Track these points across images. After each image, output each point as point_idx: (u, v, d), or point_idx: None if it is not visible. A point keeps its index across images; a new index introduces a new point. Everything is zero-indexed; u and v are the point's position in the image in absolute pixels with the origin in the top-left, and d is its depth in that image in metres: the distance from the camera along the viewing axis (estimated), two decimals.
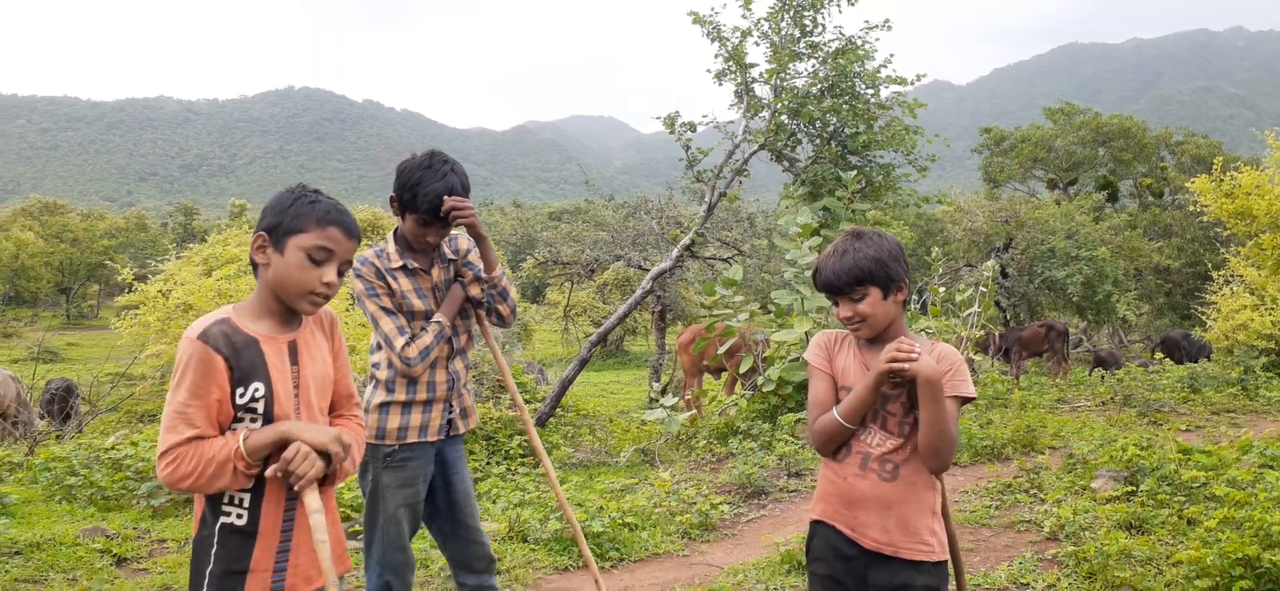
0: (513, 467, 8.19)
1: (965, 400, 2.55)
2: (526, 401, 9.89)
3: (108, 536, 5.74)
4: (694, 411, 10.45)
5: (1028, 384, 14.25)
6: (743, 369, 9.46)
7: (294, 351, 2.23)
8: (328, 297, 2.23)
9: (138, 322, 9.62)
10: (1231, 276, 13.85)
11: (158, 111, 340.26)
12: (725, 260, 16.60)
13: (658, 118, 11.33)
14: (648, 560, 5.65)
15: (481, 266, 3.49)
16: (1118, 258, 20.01)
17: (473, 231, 3.39)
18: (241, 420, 2.11)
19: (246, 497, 2.12)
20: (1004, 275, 20.14)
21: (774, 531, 5.99)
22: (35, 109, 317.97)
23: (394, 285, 3.36)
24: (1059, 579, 4.99)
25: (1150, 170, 38.31)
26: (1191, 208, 10.34)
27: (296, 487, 2.08)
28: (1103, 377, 13.54)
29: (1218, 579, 4.63)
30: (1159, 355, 14.22)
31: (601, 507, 6.11)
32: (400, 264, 3.40)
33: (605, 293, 31.48)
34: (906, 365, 2.40)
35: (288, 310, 2.22)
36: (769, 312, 10.52)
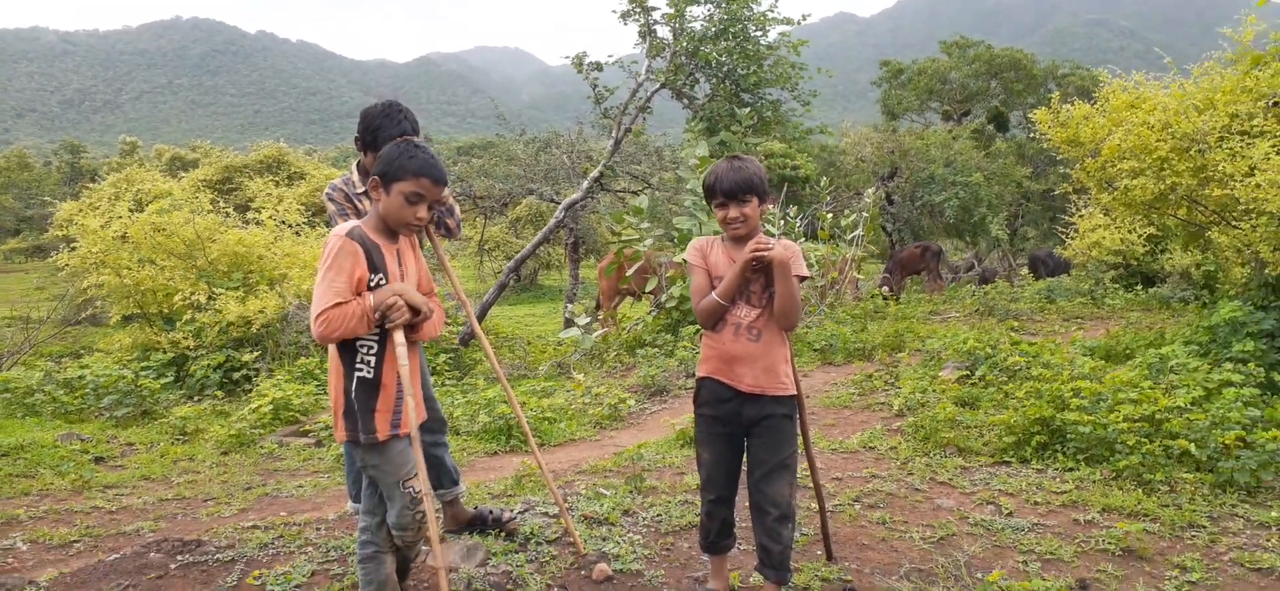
0: (441, 380, 9.05)
1: (803, 278, 3.53)
2: (449, 324, 10.71)
3: (83, 440, 6.43)
4: (610, 328, 11.42)
5: (907, 299, 15.66)
6: (649, 288, 10.46)
7: (399, 257, 3.18)
8: (421, 227, 3.16)
9: (78, 254, 10.07)
10: (1088, 199, 15.43)
11: (32, 43, 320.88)
12: (635, 192, 17.48)
13: (566, 57, 12.09)
14: (566, 443, 6.64)
15: None
16: (992, 183, 21.72)
17: None
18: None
19: (372, 359, 3.05)
20: (889, 202, 21.62)
21: (672, 418, 7.02)
22: None
23: (361, 206, 4.16)
24: (900, 443, 6.16)
25: (1038, 101, 40.41)
26: (1010, 141, 11.67)
27: (387, 326, 3.01)
28: (971, 292, 15.04)
29: (1021, 434, 5.86)
30: (1024, 271, 15.79)
31: (524, 403, 7.04)
32: (362, 190, 4.20)
33: (518, 227, 32.03)
34: (766, 253, 3.36)
35: (392, 231, 3.15)
36: (673, 239, 11.53)
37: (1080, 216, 16.03)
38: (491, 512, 4.43)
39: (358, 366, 3.08)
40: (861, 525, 4.65)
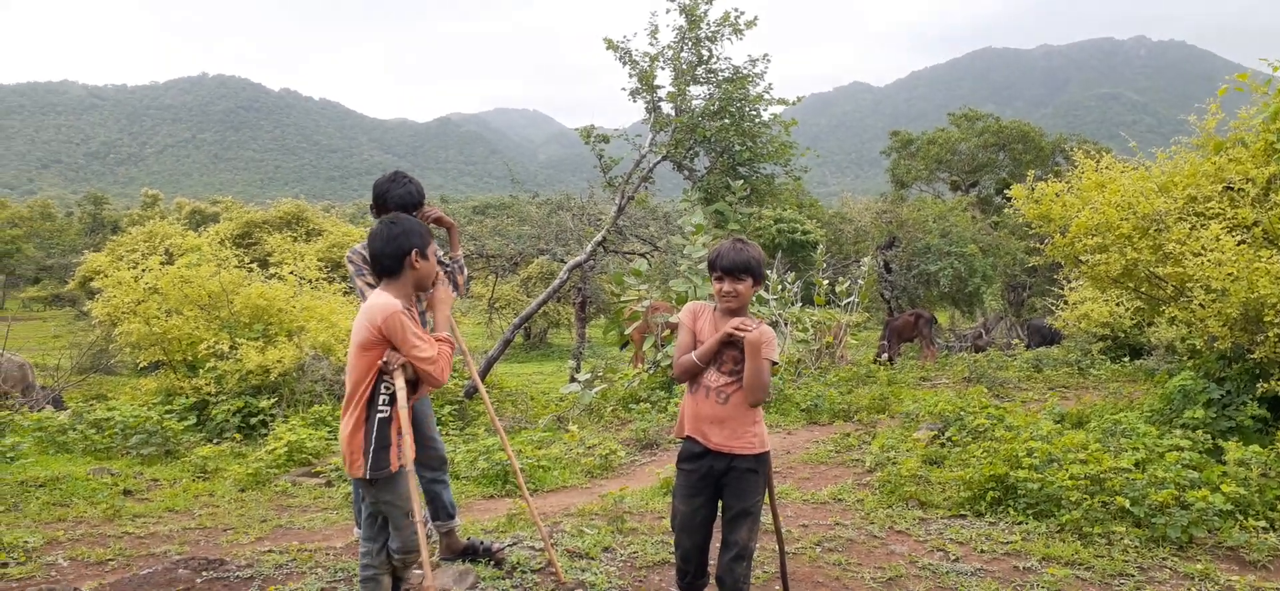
0: (445, 428, 9.57)
1: (774, 363, 4.05)
2: (455, 377, 11.26)
3: (112, 474, 6.99)
4: (605, 385, 11.93)
5: (901, 365, 16.12)
6: (646, 346, 11.01)
7: (422, 316, 3.92)
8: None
9: (111, 303, 10.73)
10: (1075, 274, 15.96)
11: (61, 96, 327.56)
12: (642, 254, 18.11)
13: (578, 129, 12.83)
14: (558, 490, 7.14)
15: (440, 257, 4.90)
16: (987, 254, 22.28)
17: (440, 222, 4.81)
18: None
19: (390, 403, 3.63)
20: (887, 270, 22.20)
21: (659, 469, 7.52)
22: None
23: None
24: (867, 496, 6.63)
25: (1046, 173, 41.03)
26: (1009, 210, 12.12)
27: (390, 371, 3.62)
28: (962, 360, 15.50)
29: (977, 490, 6.33)
30: (1016, 341, 16.23)
31: (520, 452, 7.56)
32: None
33: (529, 286, 32.68)
34: (742, 333, 3.89)
35: (418, 292, 3.83)
36: (672, 300, 12.10)
37: (1070, 289, 16.53)
38: (483, 544, 4.93)
39: (380, 408, 3.63)
40: (819, 566, 5.13)
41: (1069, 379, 13.61)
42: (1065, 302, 16.71)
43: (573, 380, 13.51)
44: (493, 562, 4.83)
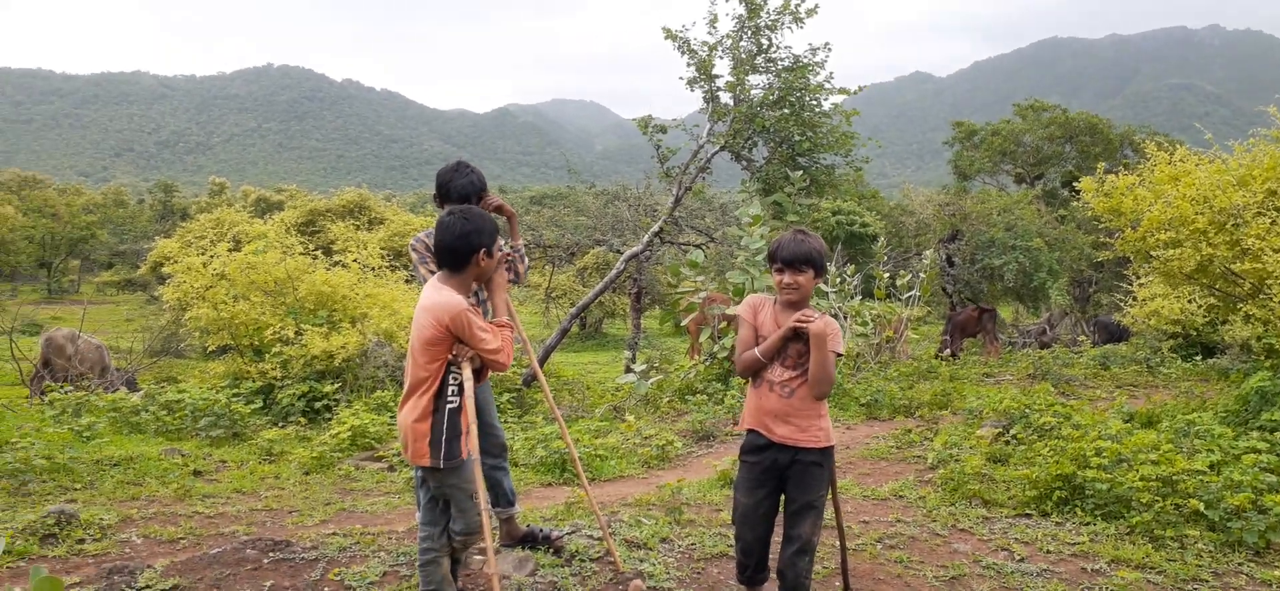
0: (503, 416, 9.65)
1: (838, 355, 3.99)
2: (513, 367, 11.35)
3: (183, 455, 7.18)
4: (661, 376, 11.92)
5: (963, 361, 15.85)
6: (701, 338, 10.97)
7: (481, 302, 3.99)
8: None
9: (181, 288, 11.03)
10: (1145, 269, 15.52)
11: (134, 86, 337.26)
12: (697, 245, 18.04)
13: (635, 120, 12.82)
14: (615, 479, 7.16)
15: (502, 246, 4.93)
16: (1053, 249, 21.77)
17: (501, 210, 4.84)
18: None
19: (458, 393, 3.69)
20: (950, 264, 21.81)
21: (716, 461, 7.48)
22: (8, 81, 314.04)
23: None
24: (929, 493, 6.53)
25: (1114, 166, 40.01)
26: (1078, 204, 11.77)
27: (458, 361, 3.69)
28: (1026, 356, 15.17)
29: (1043, 489, 6.19)
30: (1082, 338, 15.84)
31: (578, 441, 7.59)
32: None
33: (585, 276, 32.81)
34: (806, 325, 3.84)
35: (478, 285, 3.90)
36: (728, 292, 12.04)
37: (1140, 285, 16.09)
38: (541, 531, 4.96)
39: (449, 398, 3.68)
40: (880, 562, 5.06)
41: (1138, 377, 13.25)
42: (1134, 299, 16.28)
43: (628, 370, 13.52)
44: (551, 550, 4.85)
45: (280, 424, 9.15)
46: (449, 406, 3.68)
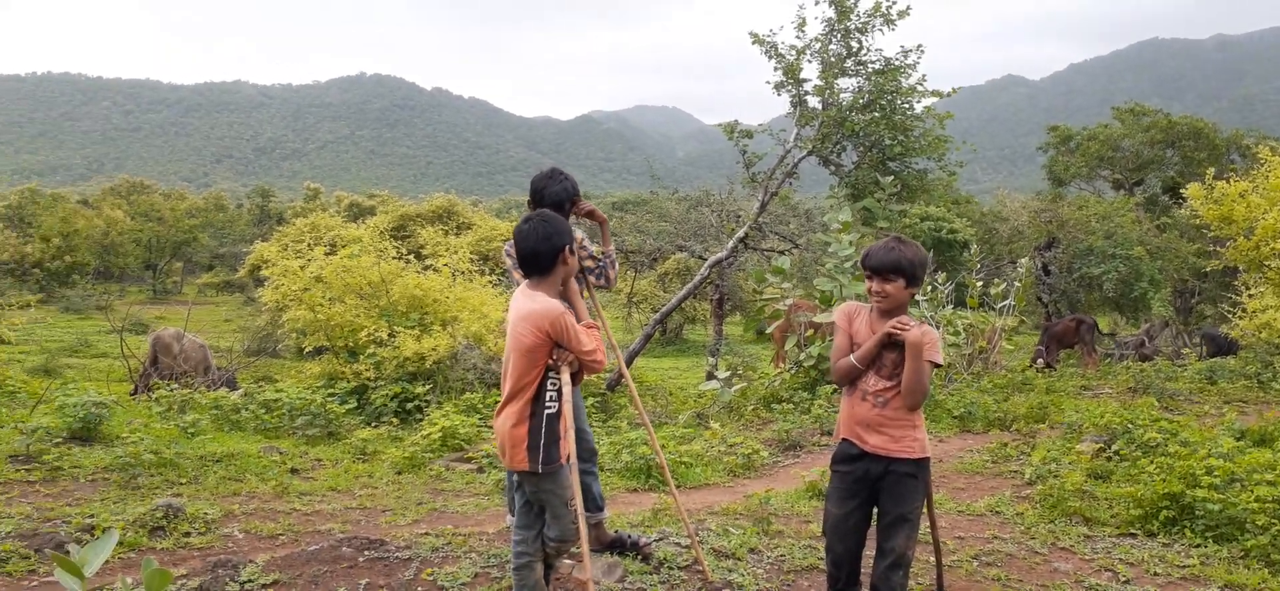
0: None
1: (935, 364, 3.90)
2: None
3: (281, 453, 7.41)
4: (744, 384, 11.83)
5: (1061, 373, 15.33)
6: (788, 346, 10.85)
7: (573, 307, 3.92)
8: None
9: (278, 290, 11.42)
10: (1257, 279, 14.78)
11: (234, 95, 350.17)
12: (781, 251, 17.87)
13: (719, 125, 12.76)
14: (700, 487, 7.13)
15: (592, 251, 4.96)
16: (1156, 258, 20.87)
17: (593, 216, 4.87)
18: None
19: (557, 398, 3.71)
20: (1046, 272, 21.12)
21: (804, 471, 7.38)
22: (119, 91, 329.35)
23: None
24: (1027, 509, 6.32)
25: (1220, 172, 38.24)
26: (1183, 211, 11.29)
27: (557, 365, 3.69)
28: (1127, 368, 14.59)
29: (1149, 508, 5.93)
30: (1186, 350, 15.17)
31: (663, 447, 7.57)
32: None
33: (666, 282, 32.83)
34: (902, 333, 3.77)
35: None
36: (815, 299, 11.89)
37: (1250, 296, 15.33)
38: (630, 537, 4.96)
39: (548, 404, 3.70)
40: (976, 580, 4.91)
41: (1247, 392, 12.60)
42: (1243, 310, 15.51)
43: (711, 376, 13.47)
44: (640, 557, 4.84)
45: (373, 424, 9.38)
46: (547, 411, 3.70)
